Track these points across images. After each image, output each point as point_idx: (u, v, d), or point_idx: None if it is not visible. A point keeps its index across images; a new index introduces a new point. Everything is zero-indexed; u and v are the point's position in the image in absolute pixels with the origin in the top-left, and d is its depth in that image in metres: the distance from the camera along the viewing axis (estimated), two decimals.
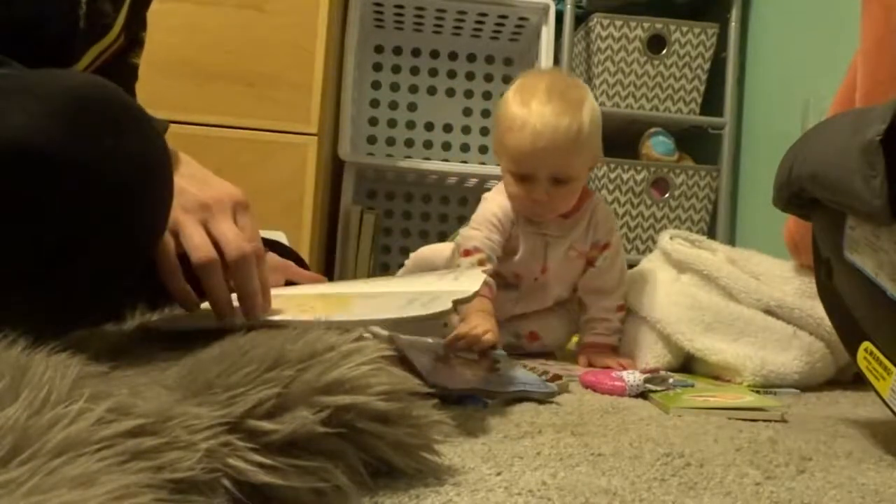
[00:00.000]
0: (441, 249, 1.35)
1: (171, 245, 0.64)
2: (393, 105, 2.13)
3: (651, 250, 1.41)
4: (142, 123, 0.57)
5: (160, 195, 0.59)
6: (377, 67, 2.12)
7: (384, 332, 0.84)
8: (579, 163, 1.12)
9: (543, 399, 0.82)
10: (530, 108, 1.10)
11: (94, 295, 0.58)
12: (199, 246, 0.62)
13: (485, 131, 2.15)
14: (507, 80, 2.15)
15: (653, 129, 1.91)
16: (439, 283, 0.78)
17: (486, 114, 2.15)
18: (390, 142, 2.13)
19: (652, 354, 1.15)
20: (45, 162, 0.50)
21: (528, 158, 1.10)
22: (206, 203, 0.64)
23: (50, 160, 0.50)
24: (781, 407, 0.84)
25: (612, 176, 1.83)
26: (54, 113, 0.51)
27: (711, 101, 1.92)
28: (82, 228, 0.53)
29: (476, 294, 0.70)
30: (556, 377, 0.92)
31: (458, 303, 0.64)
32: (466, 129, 2.14)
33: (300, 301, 0.76)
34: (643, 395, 0.91)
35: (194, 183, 0.66)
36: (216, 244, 0.63)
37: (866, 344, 0.67)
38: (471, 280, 0.75)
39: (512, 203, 1.17)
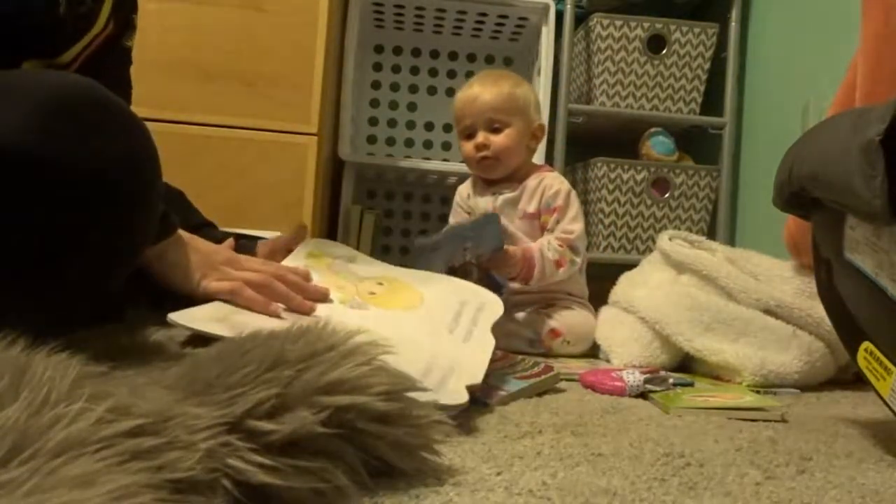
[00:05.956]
0: None
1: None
2: (393, 105, 2.13)
3: (651, 250, 1.41)
4: (127, 123, 0.57)
5: (148, 193, 0.59)
6: (377, 67, 2.12)
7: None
8: (509, 114, 1.37)
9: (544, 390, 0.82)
10: (472, 86, 1.41)
11: (90, 292, 0.58)
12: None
13: None
14: None
15: (653, 129, 1.91)
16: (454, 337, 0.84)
17: None
18: (390, 142, 2.13)
19: (647, 354, 1.15)
20: (25, 162, 0.49)
21: (467, 112, 1.38)
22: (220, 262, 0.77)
23: (29, 160, 0.49)
24: (781, 407, 0.84)
25: (612, 176, 1.83)
26: (34, 113, 0.50)
27: (711, 101, 1.92)
28: (70, 227, 0.53)
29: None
30: (548, 368, 0.92)
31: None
32: None
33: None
34: (643, 395, 0.91)
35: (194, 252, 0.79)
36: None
37: (866, 344, 0.67)
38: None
39: (468, 165, 1.43)
